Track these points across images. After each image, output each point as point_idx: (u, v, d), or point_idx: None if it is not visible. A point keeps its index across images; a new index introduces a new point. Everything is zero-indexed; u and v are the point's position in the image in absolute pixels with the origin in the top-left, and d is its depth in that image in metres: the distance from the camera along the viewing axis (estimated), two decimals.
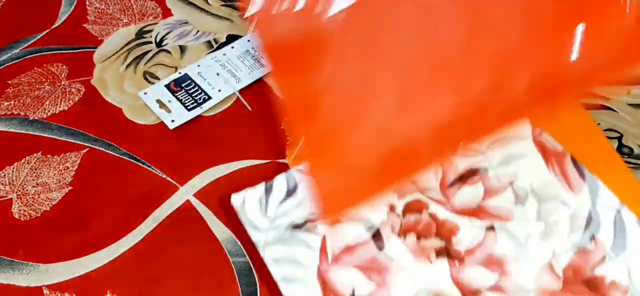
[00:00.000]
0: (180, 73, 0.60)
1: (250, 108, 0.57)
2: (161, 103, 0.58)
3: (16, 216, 0.50)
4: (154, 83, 0.60)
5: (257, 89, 0.59)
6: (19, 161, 0.54)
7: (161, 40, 0.65)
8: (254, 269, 0.47)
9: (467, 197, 0.46)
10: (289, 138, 0.47)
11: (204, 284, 0.46)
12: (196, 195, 0.51)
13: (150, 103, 0.58)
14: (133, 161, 0.53)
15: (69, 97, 0.59)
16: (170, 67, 0.62)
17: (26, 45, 0.64)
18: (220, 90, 0.59)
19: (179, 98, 0.58)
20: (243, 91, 0.59)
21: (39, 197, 0.51)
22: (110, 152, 0.54)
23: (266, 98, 0.58)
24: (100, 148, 0.54)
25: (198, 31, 0.66)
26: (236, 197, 0.47)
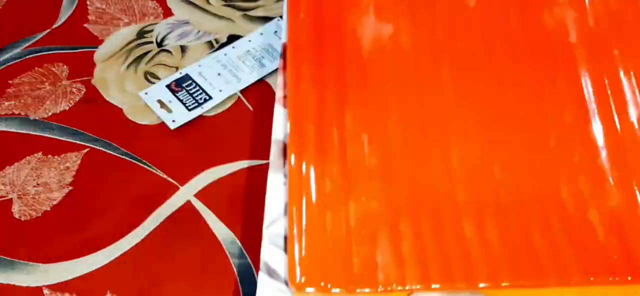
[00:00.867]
0: (181, 73, 0.60)
1: (252, 109, 0.57)
2: (162, 103, 0.57)
3: (16, 216, 0.50)
4: (154, 83, 0.60)
5: (258, 89, 0.59)
6: (19, 161, 0.54)
7: (162, 40, 0.64)
8: (254, 269, 0.46)
9: None
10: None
11: (205, 284, 0.46)
12: (197, 196, 0.51)
13: (151, 103, 0.57)
14: (134, 161, 0.53)
15: (70, 97, 0.59)
16: (171, 67, 0.62)
17: (27, 45, 0.64)
18: (221, 90, 0.58)
19: (179, 99, 0.58)
20: (244, 91, 0.59)
21: (39, 197, 0.51)
22: (111, 152, 0.54)
23: (267, 99, 0.58)
24: (100, 149, 0.54)
25: (199, 31, 0.66)
26: None
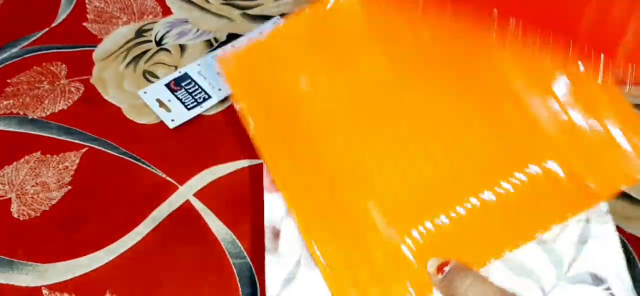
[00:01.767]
0: (180, 72, 0.60)
1: None
2: (161, 103, 0.57)
3: (15, 216, 0.50)
4: (153, 82, 0.60)
5: None
6: (18, 160, 0.53)
7: (161, 39, 0.64)
8: (254, 269, 0.46)
9: None
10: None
11: (204, 284, 0.46)
12: (196, 195, 0.51)
13: (150, 103, 0.57)
14: (133, 161, 0.53)
15: (68, 96, 0.59)
16: (170, 65, 0.62)
17: (25, 44, 0.64)
18: (220, 89, 0.58)
19: (178, 98, 0.58)
20: None
21: (38, 197, 0.51)
22: (110, 152, 0.54)
23: None
24: (99, 148, 0.54)
25: (198, 30, 0.65)
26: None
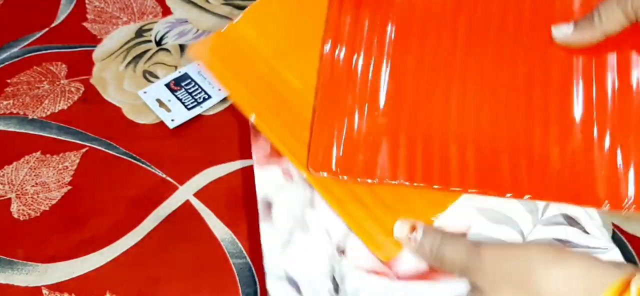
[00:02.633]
0: (180, 72, 0.60)
1: None
2: (161, 103, 0.57)
3: (15, 215, 0.50)
4: (153, 82, 0.60)
5: None
6: (18, 160, 0.53)
7: (161, 39, 0.64)
8: (253, 269, 0.46)
9: None
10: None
11: (204, 284, 0.46)
12: (196, 195, 0.51)
13: (150, 103, 0.57)
14: (132, 160, 0.53)
15: (68, 96, 0.59)
16: (170, 65, 0.62)
17: (25, 43, 0.64)
18: (220, 89, 0.58)
19: (178, 98, 0.58)
20: None
21: (38, 197, 0.51)
22: (110, 152, 0.54)
23: None
24: (99, 148, 0.54)
25: (198, 30, 0.65)
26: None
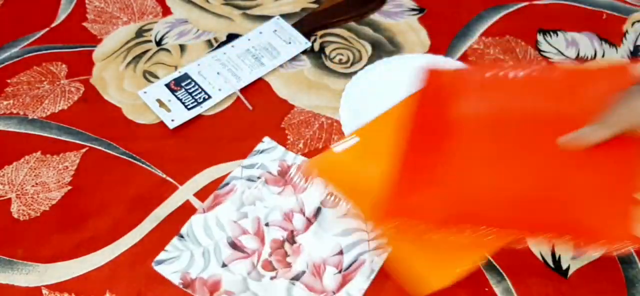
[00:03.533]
0: (180, 72, 0.60)
1: (251, 108, 0.57)
2: (161, 103, 0.57)
3: (15, 215, 0.50)
4: (153, 82, 0.60)
5: (257, 88, 0.59)
6: (18, 160, 0.53)
7: (161, 39, 0.64)
8: None
9: None
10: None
11: None
12: (196, 195, 0.51)
13: (150, 103, 0.57)
14: (132, 160, 0.53)
15: (68, 96, 0.59)
16: (170, 66, 0.62)
17: (25, 44, 0.64)
18: (220, 89, 0.58)
19: (178, 98, 0.58)
20: (243, 90, 0.59)
21: (38, 197, 0.51)
22: (110, 152, 0.54)
23: (266, 98, 0.58)
24: (99, 148, 0.54)
25: (198, 30, 0.65)
26: None
